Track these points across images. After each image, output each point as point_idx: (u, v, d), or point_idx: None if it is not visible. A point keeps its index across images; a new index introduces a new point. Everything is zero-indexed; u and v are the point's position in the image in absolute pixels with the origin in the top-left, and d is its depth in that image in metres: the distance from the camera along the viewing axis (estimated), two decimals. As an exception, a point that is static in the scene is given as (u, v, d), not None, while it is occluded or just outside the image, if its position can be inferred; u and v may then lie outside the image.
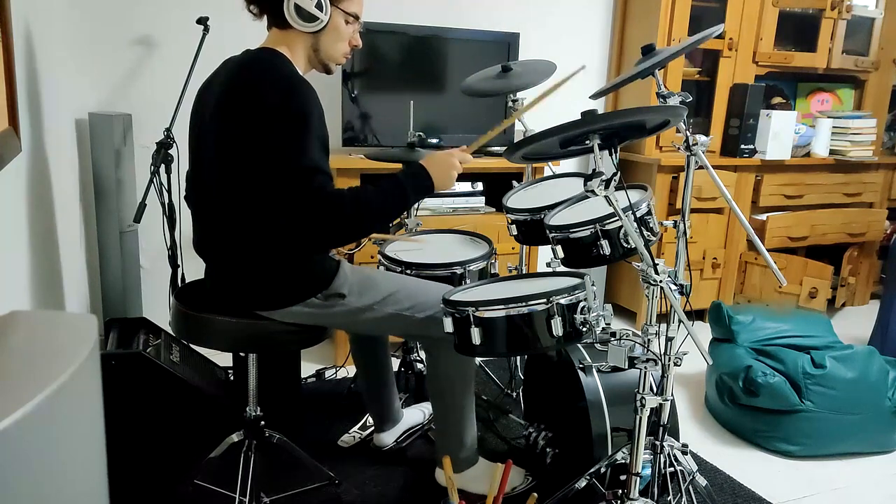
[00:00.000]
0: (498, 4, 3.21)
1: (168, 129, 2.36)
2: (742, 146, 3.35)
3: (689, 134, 1.65)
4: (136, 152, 2.67)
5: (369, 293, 1.69)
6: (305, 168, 1.47)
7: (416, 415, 2.28)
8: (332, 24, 1.62)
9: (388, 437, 2.17)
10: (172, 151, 2.37)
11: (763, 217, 3.48)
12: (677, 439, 1.83)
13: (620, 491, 1.68)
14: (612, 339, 1.54)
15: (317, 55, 1.66)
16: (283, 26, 1.60)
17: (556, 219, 1.78)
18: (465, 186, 2.98)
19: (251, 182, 1.52)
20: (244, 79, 1.53)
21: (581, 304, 1.49)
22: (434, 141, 2.96)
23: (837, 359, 2.28)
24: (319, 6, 1.58)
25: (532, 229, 1.94)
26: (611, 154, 1.47)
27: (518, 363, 2.61)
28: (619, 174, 1.39)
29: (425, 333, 1.73)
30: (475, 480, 1.91)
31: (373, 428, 2.21)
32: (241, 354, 2.14)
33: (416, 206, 2.42)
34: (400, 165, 2.05)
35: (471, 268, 2.02)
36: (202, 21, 2.53)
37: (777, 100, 3.70)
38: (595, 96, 1.85)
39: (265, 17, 1.65)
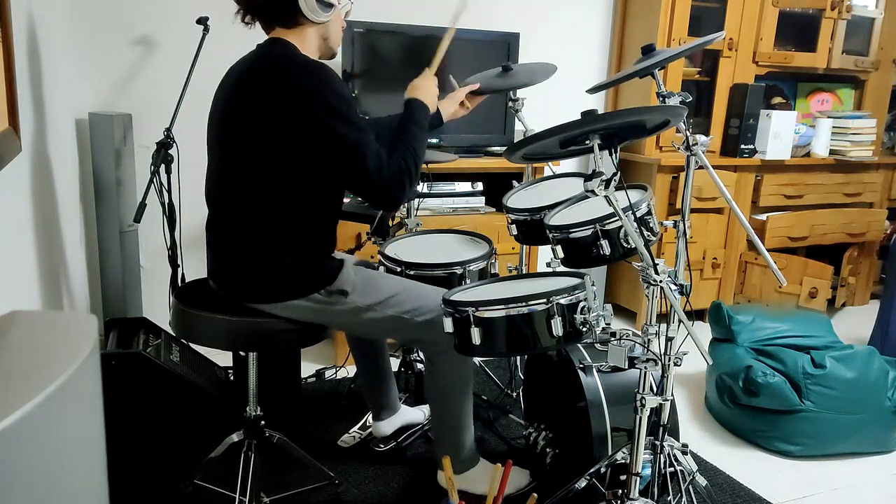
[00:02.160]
0: (498, 4, 3.21)
1: (168, 129, 2.36)
2: (742, 146, 3.35)
3: (689, 134, 1.65)
4: (136, 152, 2.67)
5: (371, 293, 1.69)
6: (359, 145, 1.53)
7: (416, 414, 2.29)
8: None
9: (387, 427, 2.17)
10: (172, 151, 2.36)
11: (763, 217, 3.48)
12: (677, 439, 1.83)
13: (620, 491, 1.68)
14: (612, 339, 1.55)
15: (326, 43, 1.68)
16: (293, 24, 1.60)
17: (556, 219, 1.78)
18: (466, 186, 2.98)
19: (277, 173, 1.53)
20: (267, 70, 1.52)
21: (581, 304, 1.49)
22: (434, 141, 2.96)
23: (837, 359, 2.28)
24: None
25: (532, 229, 1.94)
26: (611, 154, 1.47)
27: (518, 363, 2.61)
28: (619, 174, 1.39)
29: (424, 337, 1.73)
30: (477, 482, 1.91)
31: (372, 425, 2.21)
32: (241, 354, 2.14)
33: (416, 205, 2.43)
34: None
35: (471, 268, 2.01)
36: (202, 21, 2.53)
37: (777, 100, 3.70)
38: (592, 90, 1.85)
39: (257, 24, 1.65)
